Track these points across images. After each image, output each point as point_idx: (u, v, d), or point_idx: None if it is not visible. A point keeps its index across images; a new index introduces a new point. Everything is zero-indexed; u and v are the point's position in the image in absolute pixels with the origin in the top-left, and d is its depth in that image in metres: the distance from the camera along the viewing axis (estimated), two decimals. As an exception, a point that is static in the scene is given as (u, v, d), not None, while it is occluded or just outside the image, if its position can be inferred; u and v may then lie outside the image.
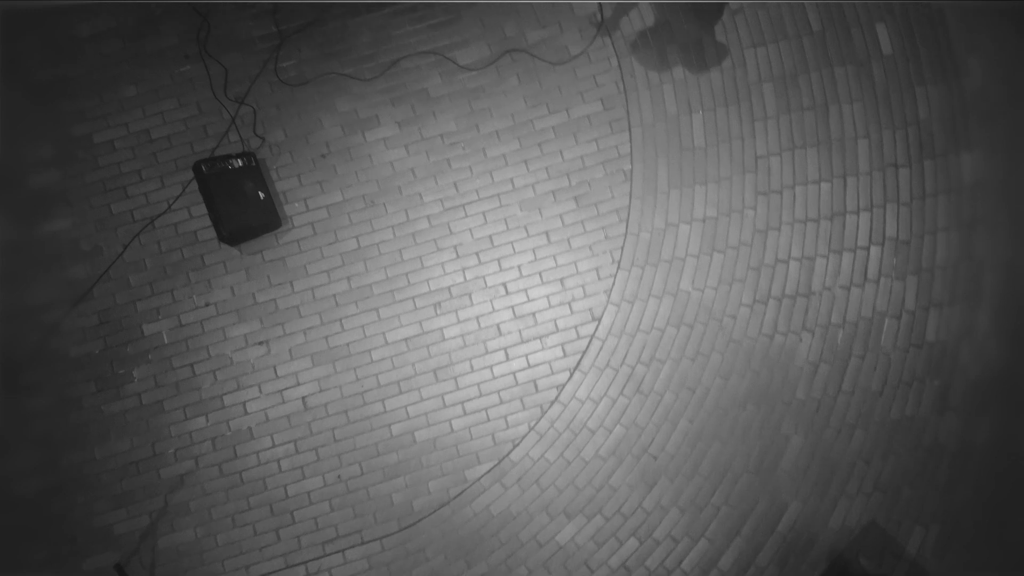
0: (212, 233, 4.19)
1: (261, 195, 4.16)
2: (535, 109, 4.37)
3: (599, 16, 4.39)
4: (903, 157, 4.27)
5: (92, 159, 4.27)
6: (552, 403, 4.23)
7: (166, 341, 4.18)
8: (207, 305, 4.20)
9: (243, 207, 4.10)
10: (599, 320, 4.27)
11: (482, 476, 4.21)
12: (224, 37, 4.33)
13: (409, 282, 4.29)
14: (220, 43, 4.32)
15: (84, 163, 4.26)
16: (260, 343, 4.22)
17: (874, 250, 4.23)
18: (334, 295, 4.27)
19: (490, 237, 4.32)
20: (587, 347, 4.25)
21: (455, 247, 4.32)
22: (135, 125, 4.28)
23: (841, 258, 4.23)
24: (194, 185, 4.17)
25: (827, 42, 4.36)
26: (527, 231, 4.33)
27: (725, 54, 4.36)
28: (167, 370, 4.16)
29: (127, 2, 4.32)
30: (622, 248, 4.30)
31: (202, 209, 4.17)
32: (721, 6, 4.34)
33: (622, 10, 4.39)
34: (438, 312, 4.28)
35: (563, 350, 4.25)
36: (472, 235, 4.33)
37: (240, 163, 4.14)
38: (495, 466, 4.23)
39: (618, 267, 4.29)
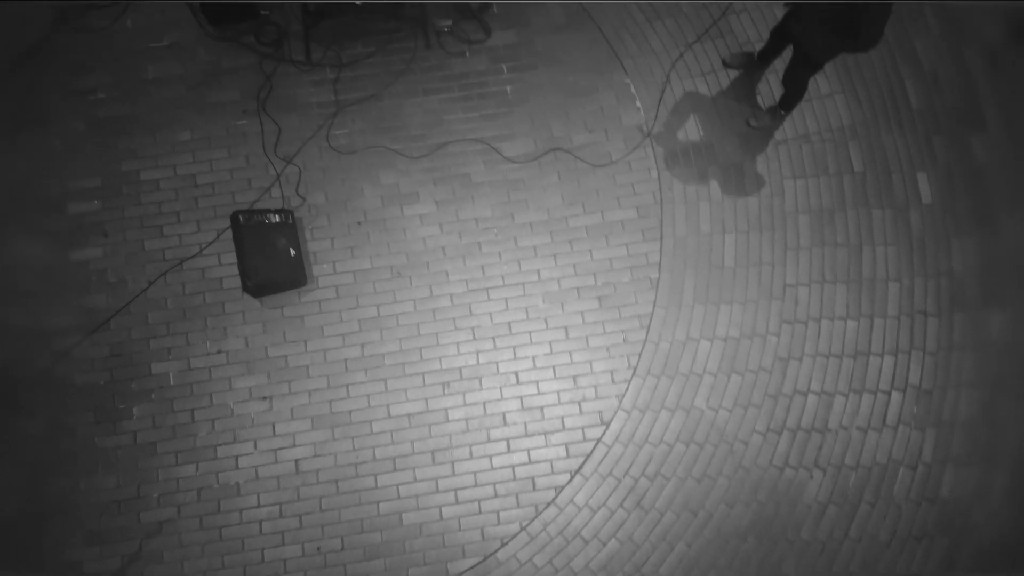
0: (237, 282, 4.35)
1: (292, 252, 4.34)
2: (571, 207, 4.58)
3: (646, 128, 4.65)
4: (933, 306, 4.39)
5: (135, 195, 4.51)
6: (548, 504, 4.22)
7: (171, 383, 4.28)
8: (219, 352, 4.33)
9: (272, 261, 4.27)
10: (607, 425, 4.31)
11: (464, 572, 4.16)
12: (284, 98, 4.64)
13: (422, 357, 4.39)
14: (279, 103, 4.63)
15: (127, 198, 4.50)
16: (264, 398, 4.31)
17: (895, 395, 4.28)
18: (345, 360, 4.37)
19: (509, 324, 4.44)
20: (592, 451, 4.28)
21: (473, 329, 4.43)
22: (183, 168, 4.55)
23: (861, 399, 4.28)
24: (229, 233, 4.37)
25: (867, 183, 4.57)
26: (547, 323, 4.45)
27: (764, 181, 4.57)
28: (167, 412, 4.24)
29: (215, 41, 4.69)
30: (640, 355, 4.39)
31: (232, 258, 4.36)
32: (767, 138, 4.59)
33: (669, 126, 4.66)
34: (446, 392, 4.35)
35: (567, 450, 4.28)
36: (491, 319, 4.45)
37: (277, 219, 4.35)
38: (480, 563, 4.18)
39: (633, 373, 4.37)
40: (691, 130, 4.68)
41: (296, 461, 4.22)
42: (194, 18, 4.73)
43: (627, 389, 4.32)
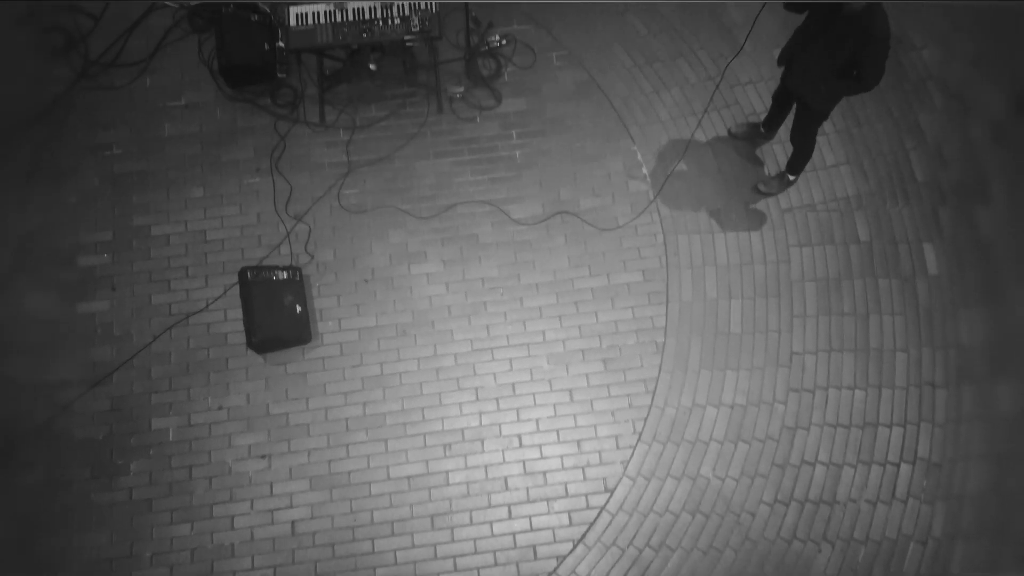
0: (242, 338, 4.46)
1: (298, 309, 4.47)
2: (577, 269, 4.72)
3: (652, 194, 4.83)
4: (941, 377, 4.47)
5: (145, 249, 4.68)
6: (550, 575, 4.22)
7: (171, 438, 4.35)
8: (220, 408, 4.40)
9: (278, 318, 4.39)
10: (612, 492, 4.33)
11: (462, 643, 4.14)
12: (297, 158, 4.86)
13: (424, 417, 4.45)
14: (292, 163, 4.85)
15: (137, 252, 4.67)
16: (262, 456, 4.36)
17: (904, 468, 4.32)
18: (346, 419, 4.44)
19: (513, 385, 4.52)
20: (595, 519, 4.29)
21: (476, 389, 4.51)
22: (194, 224, 4.73)
23: (870, 471, 4.31)
24: (236, 289, 4.50)
25: (874, 253, 4.71)
26: (551, 385, 4.53)
27: (771, 249, 4.72)
28: (164, 468, 4.30)
29: (231, 101, 4.93)
30: (645, 420, 4.44)
31: (238, 313, 4.48)
32: (773, 206, 4.75)
33: (675, 192, 4.83)
34: (447, 454, 4.40)
35: (570, 518, 4.29)
36: (495, 380, 4.53)
37: (285, 275, 4.49)
38: (478, 634, 4.16)
39: (639, 439, 4.42)
40: (697, 197, 4.86)
41: (292, 523, 4.24)
42: (212, 79, 5.00)
43: (632, 455, 4.37)
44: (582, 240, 4.78)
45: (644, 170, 4.92)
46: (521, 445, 4.40)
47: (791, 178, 4.81)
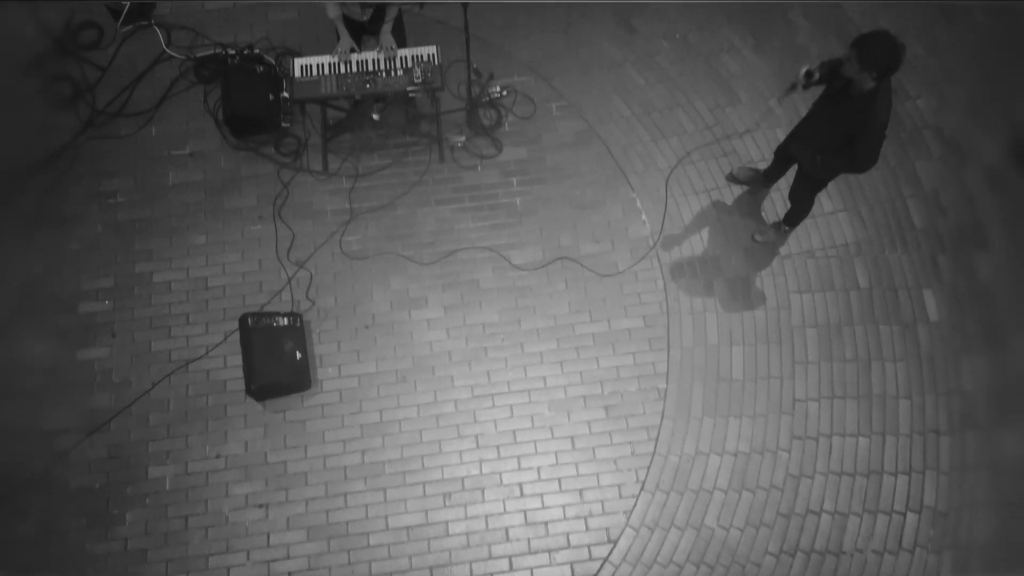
0: (241, 385, 4.53)
1: (298, 355, 4.54)
2: (578, 315, 4.81)
3: (652, 240, 4.95)
4: (945, 424, 4.52)
5: (146, 296, 4.78)
6: (552, 628, 4.21)
7: (167, 487, 4.38)
8: (217, 457, 4.45)
9: (278, 364, 4.47)
10: (615, 543, 4.34)
11: None
12: (300, 205, 5.00)
13: (423, 466, 4.49)
14: (295, 210, 4.99)
15: (138, 299, 4.77)
16: (260, 506, 4.38)
17: (911, 517, 4.34)
18: (345, 467, 4.47)
19: (514, 432, 4.57)
20: (598, 572, 4.28)
21: (476, 436, 4.56)
22: (196, 271, 4.84)
23: (876, 520, 4.34)
24: (236, 335, 4.60)
25: (874, 300, 4.81)
26: (552, 432, 4.58)
27: (771, 295, 4.83)
28: (160, 518, 4.31)
29: (235, 150, 5.09)
30: (648, 468, 4.48)
31: (238, 360, 4.56)
32: (772, 252, 4.88)
33: (675, 239, 4.97)
34: (447, 503, 4.42)
35: (572, 570, 4.29)
36: (496, 427, 4.58)
37: (285, 322, 4.58)
38: None
39: (642, 488, 4.45)
40: (696, 243, 4.99)
41: (289, 574, 4.24)
42: (217, 129, 5.18)
43: (635, 505, 4.39)
44: (583, 285, 4.89)
45: (643, 217, 5.06)
46: (522, 494, 4.43)
47: (787, 228, 4.96)
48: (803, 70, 3.98)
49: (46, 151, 5.13)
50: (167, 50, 5.39)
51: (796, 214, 4.81)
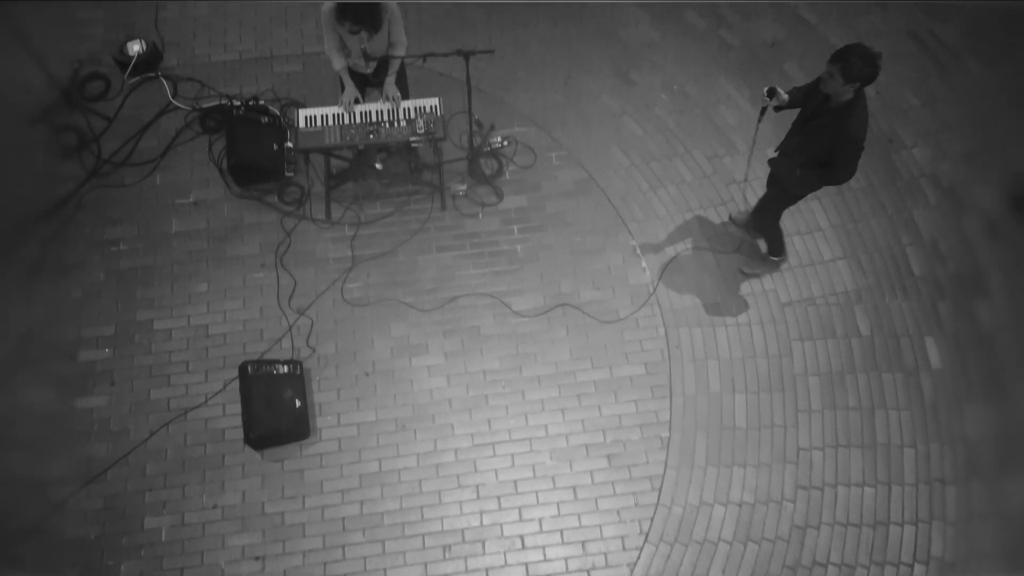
0: (240, 434, 4.57)
1: (297, 403, 4.59)
2: (579, 362, 4.88)
3: (652, 287, 5.05)
4: (950, 473, 4.55)
5: (147, 344, 4.86)
6: None
7: (163, 539, 4.37)
8: (214, 507, 4.45)
9: (277, 413, 4.51)
10: (618, 597, 4.33)
11: None
12: (302, 253, 5.12)
13: (423, 517, 4.49)
14: (297, 258, 5.10)
15: (138, 347, 4.85)
16: (256, 558, 4.37)
17: (918, 568, 4.33)
18: (343, 518, 4.48)
19: (515, 482, 4.58)
20: (602, 626, 4.27)
21: (477, 487, 4.57)
22: (197, 319, 4.93)
23: (883, 572, 4.32)
24: (236, 383, 4.65)
25: (876, 347, 4.89)
26: (554, 482, 4.59)
27: (772, 342, 4.90)
28: (155, 570, 4.30)
29: (239, 198, 5.21)
30: (652, 519, 4.48)
31: (237, 408, 4.60)
32: (772, 299, 4.97)
33: (675, 286, 5.06)
34: (446, 556, 4.41)
35: (575, 624, 4.28)
36: (497, 477, 4.60)
37: (285, 369, 4.64)
38: None
39: (645, 539, 4.44)
40: (696, 290, 5.08)
41: (285, 629, 4.23)
42: (221, 178, 5.33)
43: (639, 557, 4.38)
44: (584, 332, 4.96)
45: (643, 264, 5.17)
46: (524, 547, 4.42)
47: (774, 259, 5.10)
48: (765, 89, 4.15)
49: (50, 200, 5.26)
50: (173, 101, 5.58)
51: (773, 241, 4.99)
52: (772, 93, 4.13)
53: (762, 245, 5.16)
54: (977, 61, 5.83)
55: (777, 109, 4.25)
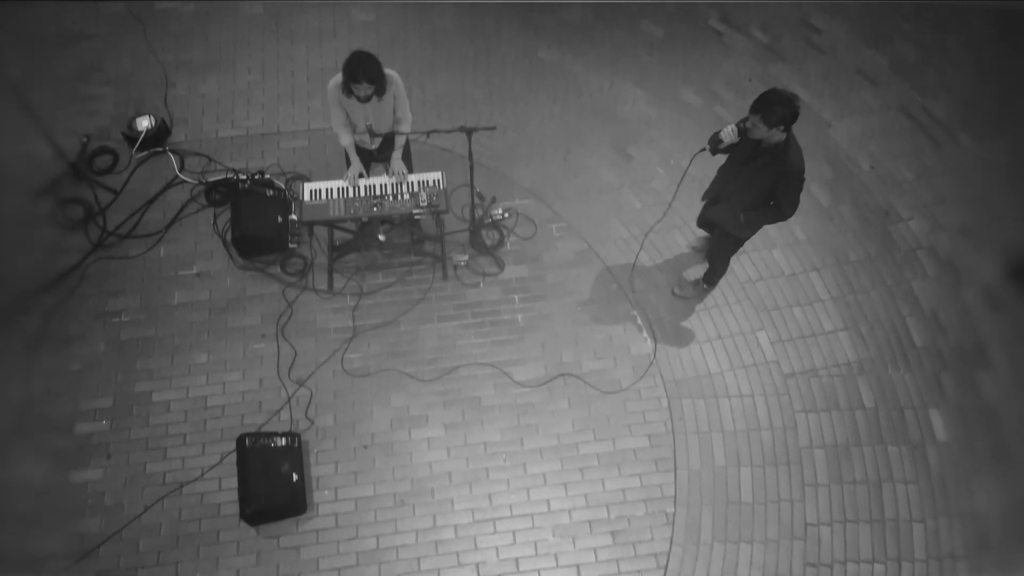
0: (235, 509, 4.56)
1: (294, 477, 4.59)
2: (581, 433, 4.91)
3: (653, 358, 5.13)
4: (960, 548, 4.53)
5: (144, 416, 4.90)
6: None
7: (154, 618, 4.33)
8: (207, 585, 4.43)
9: (274, 487, 4.51)
10: None
11: None
12: (303, 323, 5.21)
13: (421, 596, 4.45)
14: (298, 328, 5.19)
15: (136, 419, 4.88)
16: (249, 639, 4.32)
17: (934, 650, 4.27)
18: (339, 598, 4.44)
19: (516, 560, 4.55)
20: None
21: (477, 565, 4.54)
22: (195, 390, 4.98)
23: (898, 654, 4.26)
24: (233, 457, 4.68)
25: (880, 420, 4.94)
26: (557, 560, 4.56)
27: (776, 414, 4.95)
28: (144, 652, 4.24)
29: (242, 270, 5.35)
30: (658, 599, 4.45)
31: (233, 482, 4.61)
32: (775, 369, 5.05)
33: (677, 356, 5.14)
34: (446, 638, 4.35)
35: None
36: (498, 554, 4.57)
37: (283, 442, 4.67)
38: None
39: (652, 620, 4.39)
40: (698, 360, 5.16)
41: None
42: (225, 250, 5.48)
43: (645, 638, 4.33)
44: (586, 403, 5.01)
45: (644, 334, 5.26)
46: (526, 627, 4.38)
47: (706, 287, 5.34)
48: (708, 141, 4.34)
49: (54, 272, 5.38)
50: (180, 175, 5.78)
51: (715, 272, 5.21)
52: (717, 142, 4.30)
53: (699, 270, 5.38)
54: (969, 136, 6.08)
55: (716, 151, 4.39)
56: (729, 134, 4.17)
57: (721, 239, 4.90)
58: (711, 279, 5.29)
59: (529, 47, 6.52)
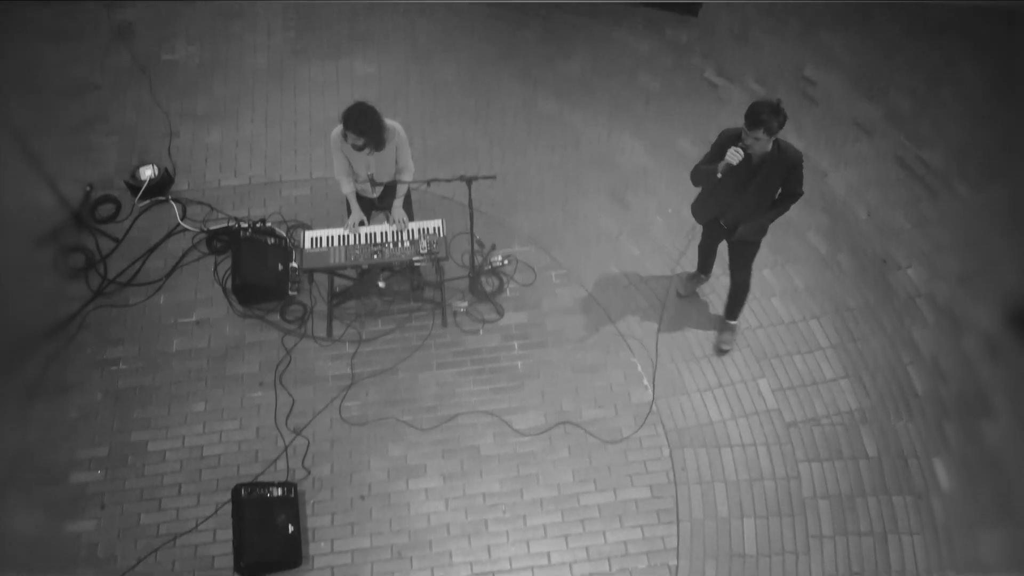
0: (229, 561, 4.51)
1: (290, 528, 4.56)
2: (582, 484, 4.89)
3: (655, 406, 5.13)
4: (969, 603, 4.48)
5: (140, 466, 4.89)
6: None
7: (143, 676, 4.25)
8: (199, 641, 4.35)
9: (269, 539, 4.48)
10: None
11: None
12: (301, 371, 5.24)
13: (419, 654, 4.38)
14: (296, 376, 5.22)
15: (131, 469, 4.87)
16: None
17: None
18: (334, 654, 4.37)
19: (517, 615, 4.50)
20: None
21: (476, 620, 4.49)
22: (192, 440, 4.98)
23: None
24: (228, 507, 4.64)
25: (884, 469, 4.92)
26: (558, 615, 4.50)
27: (779, 463, 4.94)
28: None
29: (241, 317, 5.39)
30: (662, 656, 4.37)
31: (228, 534, 4.57)
32: (777, 419, 5.05)
33: (679, 405, 5.15)
34: None
35: None
36: (497, 609, 4.52)
37: (279, 492, 4.64)
38: None
39: (656, 677, 4.31)
40: (699, 408, 5.17)
41: None
42: (225, 297, 5.53)
43: None
44: (586, 453, 5.00)
45: (645, 382, 5.27)
46: None
47: (732, 323, 5.37)
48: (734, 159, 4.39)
49: (53, 320, 5.44)
50: (182, 223, 5.88)
51: (740, 290, 5.22)
52: (725, 168, 4.39)
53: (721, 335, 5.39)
54: (965, 186, 6.18)
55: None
56: (736, 156, 4.26)
57: (739, 251, 5.00)
58: (733, 311, 5.31)
59: (529, 99, 6.69)
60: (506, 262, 5.69)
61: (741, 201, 4.62)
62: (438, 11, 7.23)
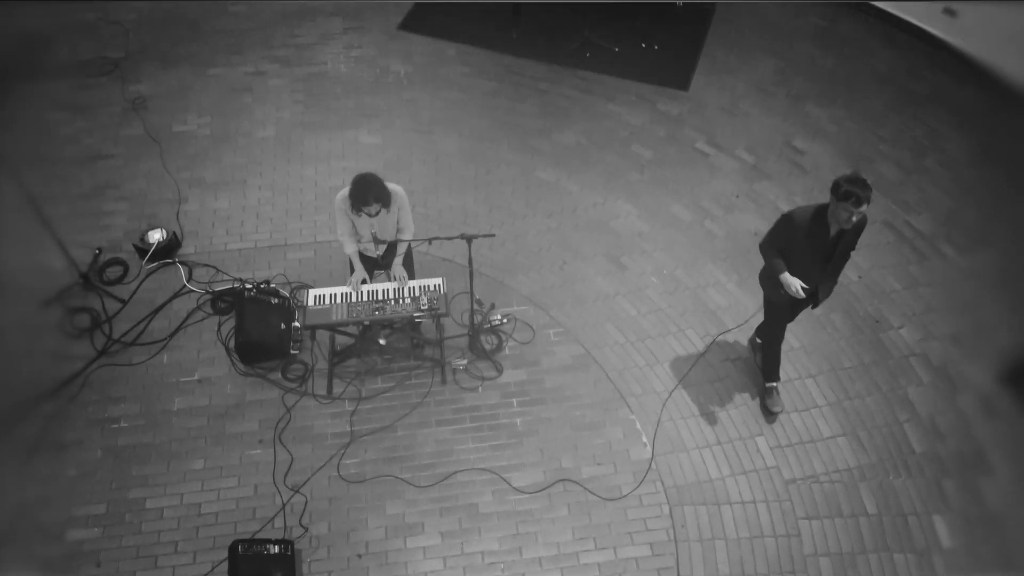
0: (225, 620, 4.51)
1: (286, 587, 4.57)
2: (582, 542, 4.90)
3: (654, 464, 5.19)
4: (976, 661, 4.43)
5: (137, 524, 4.91)
6: None
7: None
8: None
9: (265, 597, 4.47)
10: None
11: None
12: (301, 429, 5.32)
13: None
14: (295, 434, 5.30)
15: (128, 526, 4.89)
16: None
17: None
18: None
19: None
20: None
21: None
22: (190, 497, 5.02)
23: None
24: (224, 565, 4.62)
25: (884, 527, 4.95)
26: None
27: (779, 521, 4.96)
28: None
29: (243, 376, 5.50)
30: None
31: (224, 592, 4.58)
32: (775, 476, 5.11)
33: (677, 463, 5.20)
34: None
35: None
36: (495, 675, 4.46)
37: (276, 550, 4.65)
38: None
39: None
40: (699, 466, 5.22)
41: None
42: (227, 356, 5.67)
43: None
44: (586, 511, 5.03)
45: (644, 439, 5.35)
46: None
47: (771, 384, 5.44)
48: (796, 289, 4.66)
49: (56, 379, 5.54)
50: (187, 284, 6.07)
51: (772, 346, 5.32)
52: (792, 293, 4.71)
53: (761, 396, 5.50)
54: (953, 249, 6.41)
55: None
56: (801, 294, 4.65)
57: (781, 315, 5.19)
58: (772, 373, 5.42)
59: (527, 168, 7.00)
60: (505, 321, 5.85)
61: (825, 271, 4.86)
62: (441, 88, 7.65)
